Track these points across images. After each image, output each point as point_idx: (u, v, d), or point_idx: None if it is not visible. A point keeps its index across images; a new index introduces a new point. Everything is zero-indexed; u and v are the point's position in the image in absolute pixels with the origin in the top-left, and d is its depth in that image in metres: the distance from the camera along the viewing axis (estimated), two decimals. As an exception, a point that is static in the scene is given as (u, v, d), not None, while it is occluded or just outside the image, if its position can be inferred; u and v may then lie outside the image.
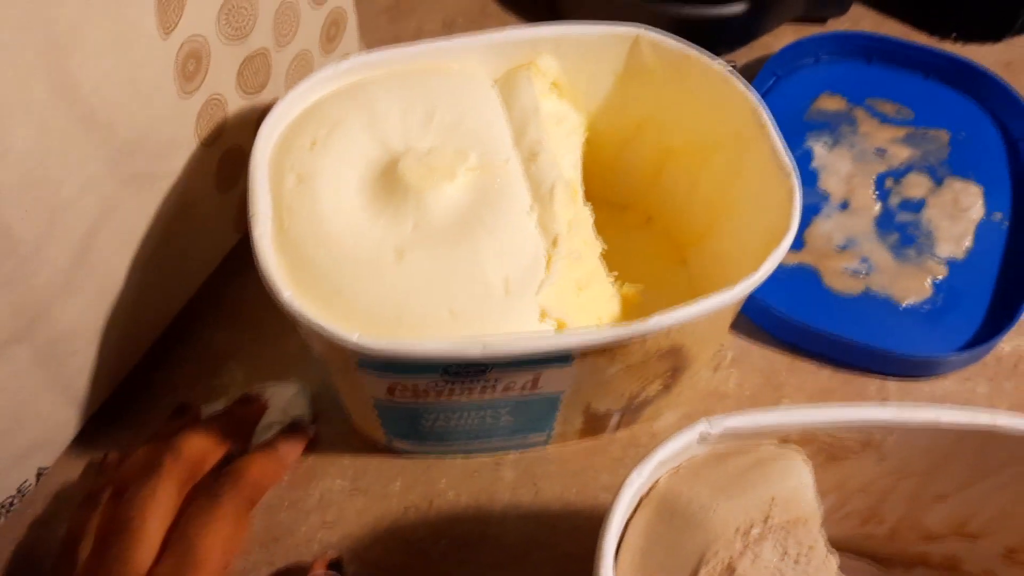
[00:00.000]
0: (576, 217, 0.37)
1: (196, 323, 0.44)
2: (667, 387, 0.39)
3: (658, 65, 0.40)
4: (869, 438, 0.31)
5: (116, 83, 0.33)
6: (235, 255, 0.44)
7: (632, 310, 0.39)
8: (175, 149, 0.38)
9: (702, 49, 0.39)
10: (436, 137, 0.36)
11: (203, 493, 0.34)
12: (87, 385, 0.38)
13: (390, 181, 0.35)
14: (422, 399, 0.35)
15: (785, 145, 0.36)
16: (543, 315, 0.33)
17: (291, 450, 0.39)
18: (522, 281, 0.33)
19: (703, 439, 0.30)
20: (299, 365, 0.42)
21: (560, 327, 0.33)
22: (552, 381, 0.35)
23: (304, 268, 0.33)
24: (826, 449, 0.32)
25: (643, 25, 0.40)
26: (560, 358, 0.32)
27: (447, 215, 0.34)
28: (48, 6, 0.28)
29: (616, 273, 0.39)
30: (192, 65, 0.37)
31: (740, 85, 0.38)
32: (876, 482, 0.33)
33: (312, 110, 0.37)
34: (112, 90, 0.33)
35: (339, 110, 0.36)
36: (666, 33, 0.40)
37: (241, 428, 0.38)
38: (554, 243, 0.34)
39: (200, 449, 0.35)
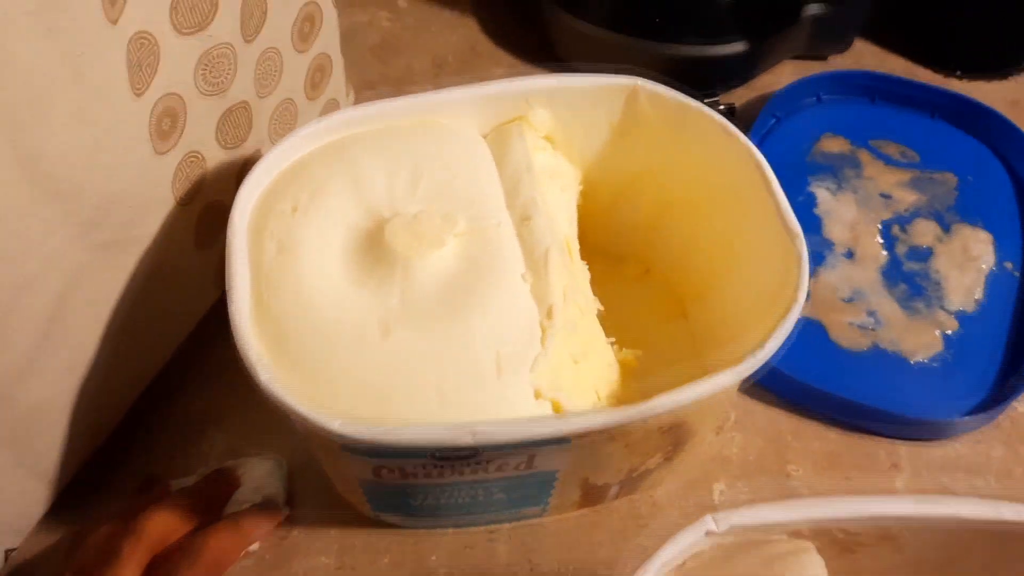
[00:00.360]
0: (572, 280, 0.35)
1: (174, 387, 0.42)
2: (668, 458, 0.37)
3: (656, 116, 0.39)
4: (885, 531, 0.30)
5: (84, 151, 0.31)
6: (216, 313, 0.42)
7: (631, 376, 0.37)
8: (150, 211, 0.36)
9: (701, 102, 0.38)
10: (424, 200, 0.34)
11: (161, 570, 0.32)
12: (57, 461, 0.36)
13: (375, 249, 0.33)
14: (410, 480, 0.33)
15: (788, 205, 0.35)
16: (537, 395, 0.31)
17: (255, 525, 0.36)
18: (515, 358, 0.31)
19: (709, 536, 0.28)
20: (284, 432, 0.40)
21: (556, 407, 0.31)
22: (548, 460, 0.33)
23: (285, 345, 0.31)
24: (839, 542, 0.30)
25: (639, 72, 0.38)
26: (557, 440, 0.31)
27: (435, 285, 0.32)
28: (6, 83, 0.26)
29: (614, 339, 0.37)
30: (167, 123, 0.35)
31: (742, 139, 0.36)
32: (892, 574, 0.31)
33: (294, 171, 0.35)
34: (79, 159, 0.31)
35: (322, 172, 0.35)
36: (664, 83, 0.38)
37: (210, 505, 0.36)
38: (549, 314, 0.32)
39: (164, 529, 0.33)
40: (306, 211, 0.34)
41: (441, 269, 0.33)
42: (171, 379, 0.41)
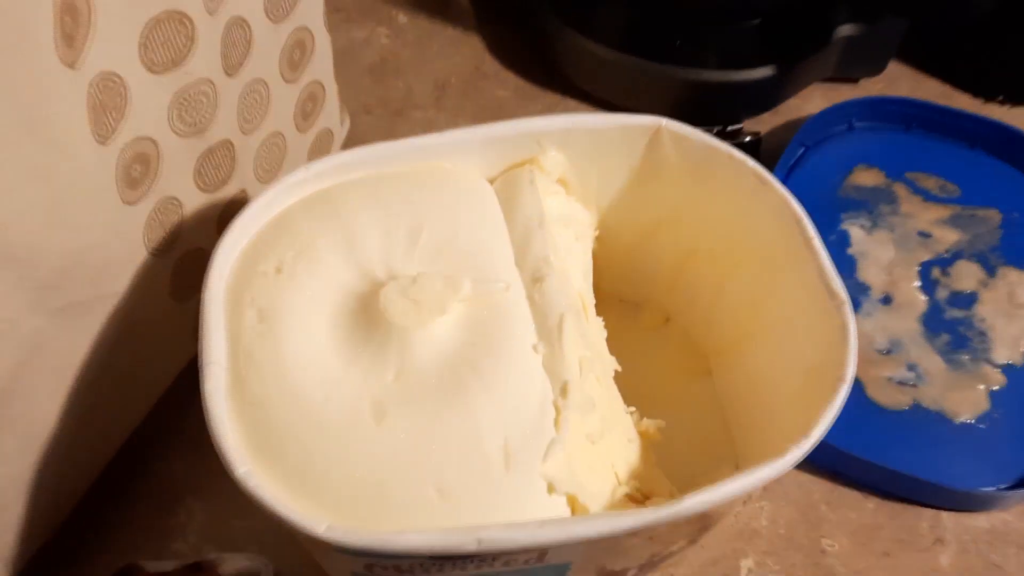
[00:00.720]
0: (587, 345, 0.31)
1: (148, 451, 0.38)
2: (693, 541, 0.34)
3: (681, 160, 0.35)
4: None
5: (40, 210, 0.27)
6: (193, 367, 0.38)
7: (652, 450, 0.33)
8: (118, 267, 0.32)
9: (724, 131, 0.34)
10: (424, 259, 0.31)
11: None
12: (11, 545, 0.32)
13: (369, 317, 0.29)
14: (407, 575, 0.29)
15: (832, 267, 0.31)
16: (550, 489, 0.27)
17: None
18: (525, 447, 0.27)
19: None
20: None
21: (571, 502, 0.28)
22: (561, 554, 0.29)
23: (266, 432, 0.27)
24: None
25: (657, 104, 0.34)
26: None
27: (436, 360, 0.29)
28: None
29: (633, 408, 0.34)
30: (138, 170, 0.31)
31: (778, 189, 0.33)
32: None
33: (278, 225, 0.31)
34: (35, 219, 0.27)
35: (310, 227, 0.31)
36: (686, 119, 0.34)
37: None
38: (563, 391, 0.29)
39: None
40: (292, 273, 0.30)
41: (443, 340, 0.29)
42: (143, 443, 0.37)
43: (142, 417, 0.37)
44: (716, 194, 0.35)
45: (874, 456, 0.38)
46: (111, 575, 0.34)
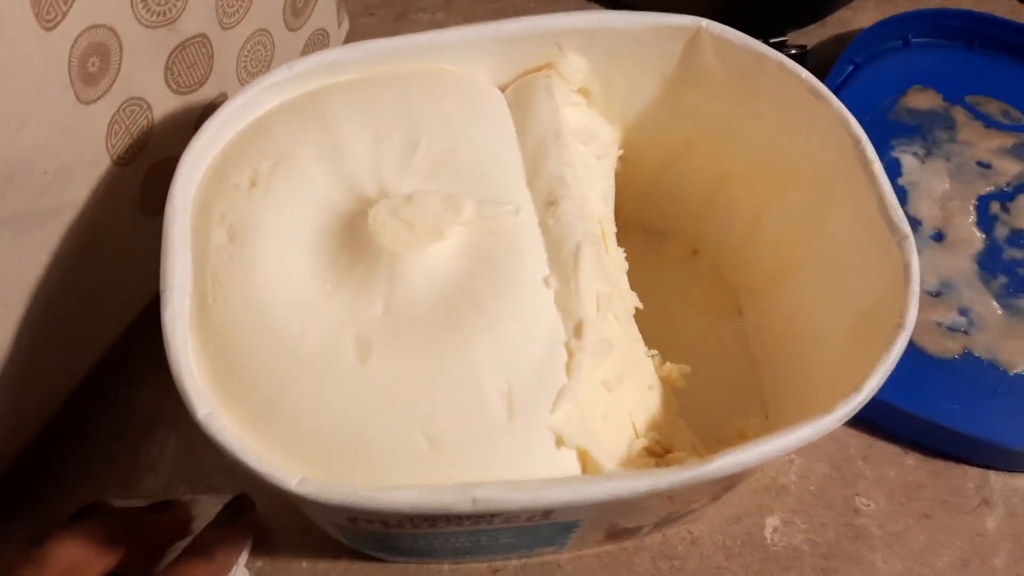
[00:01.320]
0: (606, 280, 0.27)
1: (116, 381, 0.35)
2: (716, 498, 0.30)
3: (722, 69, 0.30)
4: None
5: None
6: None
7: (674, 397, 0.30)
8: (76, 174, 0.28)
9: (772, 47, 0.29)
10: (421, 176, 0.27)
11: None
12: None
13: (355, 240, 0.25)
14: (394, 530, 0.26)
15: (894, 197, 0.27)
16: (559, 442, 0.24)
17: (228, 558, 0.30)
18: (531, 394, 0.24)
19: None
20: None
21: (582, 457, 0.24)
22: (569, 513, 0.26)
23: (233, 367, 0.24)
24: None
25: (697, 7, 0.30)
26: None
27: (431, 291, 0.25)
28: None
29: (655, 352, 0.30)
30: (95, 64, 0.27)
31: (835, 105, 0.28)
32: None
33: (255, 131, 0.27)
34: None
35: (290, 134, 0.27)
36: (731, 24, 0.30)
37: (142, 539, 0.29)
38: (578, 332, 0.25)
39: (76, 559, 0.26)
40: (268, 186, 0.26)
41: (439, 269, 0.25)
42: (113, 372, 0.34)
43: (110, 342, 0.34)
44: (760, 109, 0.30)
45: (918, 408, 0.34)
46: (76, 512, 0.31)
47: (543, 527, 0.27)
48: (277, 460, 0.22)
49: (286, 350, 0.24)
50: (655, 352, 0.30)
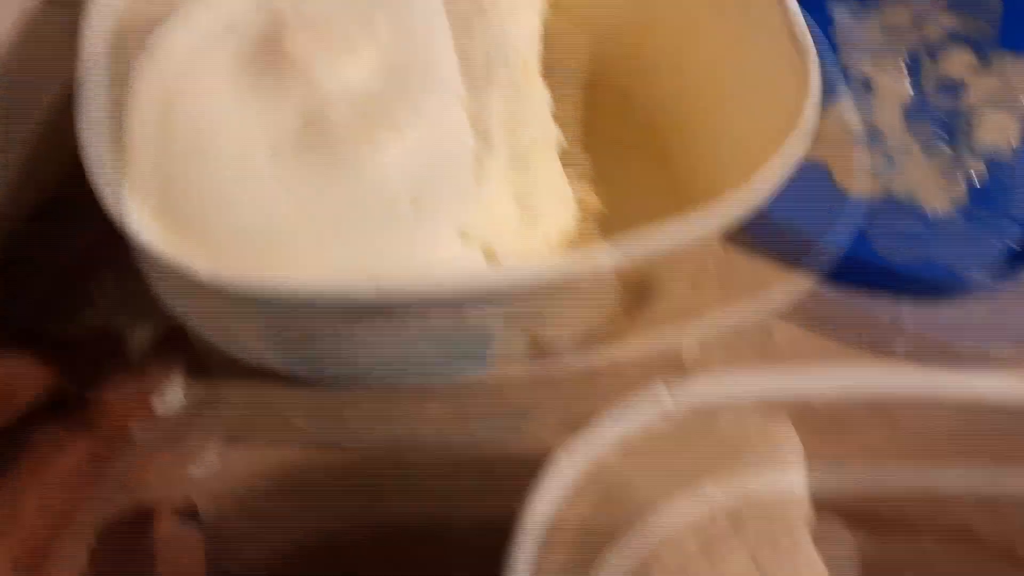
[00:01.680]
0: (526, 104, 0.28)
1: (58, 215, 0.35)
2: (629, 313, 0.32)
3: None
4: (879, 407, 0.25)
5: None
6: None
7: (592, 219, 0.31)
8: None
9: None
10: (335, -7, 0.27)
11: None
12: None
13: (271, 56, 0.26)
14: (309, 328, 0.28)
15: (800, 16, 0.28)
16: (465, 237, 0.25)
17: (163, 374, 0.31)
18: (438, 195, 0.25)
19: (664, 417, 0.23)
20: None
21: (489, 255, 0.25)
22: (480, 316, 0.27)
23: (144, 159, 0.25)
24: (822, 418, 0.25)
25: None
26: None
27: (344, 103, 0.26)
28: None
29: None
30: None
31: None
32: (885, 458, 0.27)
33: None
34: None
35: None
36: None
37: (74, 369, 0.30)
38: (487, 140, 0.26)
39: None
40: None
41: (353, 83, 0.26)
42: (47, 208, 0.35)
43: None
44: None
45: (836, 242, 0.35)
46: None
47: (463, 340, 0.29)
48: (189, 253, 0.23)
49: (196, 150, 0.25)
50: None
